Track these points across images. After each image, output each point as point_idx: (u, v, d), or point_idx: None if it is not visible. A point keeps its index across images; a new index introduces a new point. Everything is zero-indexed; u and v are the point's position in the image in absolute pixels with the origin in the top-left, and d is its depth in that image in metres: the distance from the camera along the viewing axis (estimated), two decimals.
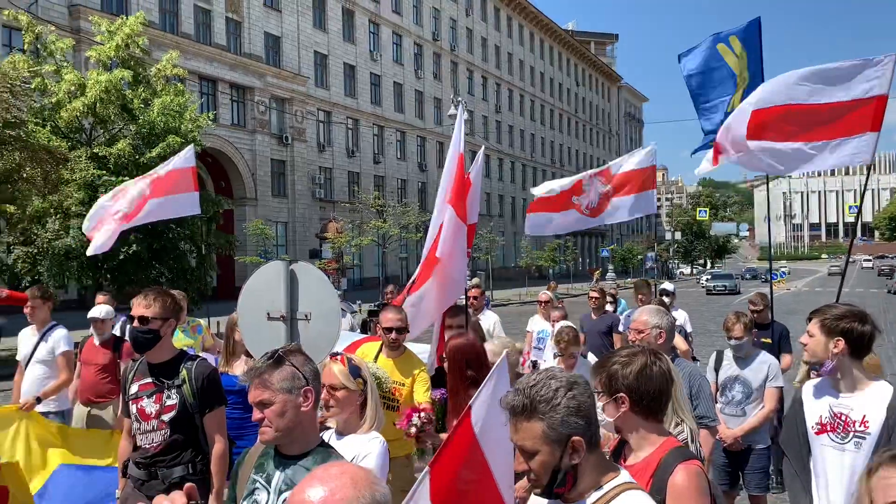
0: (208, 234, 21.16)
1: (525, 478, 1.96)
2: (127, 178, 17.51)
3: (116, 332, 6.78)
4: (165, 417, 3.59)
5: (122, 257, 18.02)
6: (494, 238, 43.87)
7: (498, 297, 37.10)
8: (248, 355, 5.08)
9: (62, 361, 6.17)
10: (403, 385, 4.62)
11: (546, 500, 2.02)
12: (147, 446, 3.60)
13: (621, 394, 2.29)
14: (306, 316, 4.55)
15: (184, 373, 3.65)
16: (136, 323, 3.58)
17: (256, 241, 31.77)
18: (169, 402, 3.60)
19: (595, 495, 1.93)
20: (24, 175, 16.16)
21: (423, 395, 4.58)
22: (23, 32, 19.78)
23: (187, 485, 1.34)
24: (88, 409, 6.37)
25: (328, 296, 4.60)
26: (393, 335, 4.68)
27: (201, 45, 37.73)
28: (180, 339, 6.44)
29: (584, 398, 1.92)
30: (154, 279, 18.64)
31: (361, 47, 50.64)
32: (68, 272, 18.22)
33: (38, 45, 19.66)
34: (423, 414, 3.68)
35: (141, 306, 3.59)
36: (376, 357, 4.85)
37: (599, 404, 2.25)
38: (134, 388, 3.66)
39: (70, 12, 31.36)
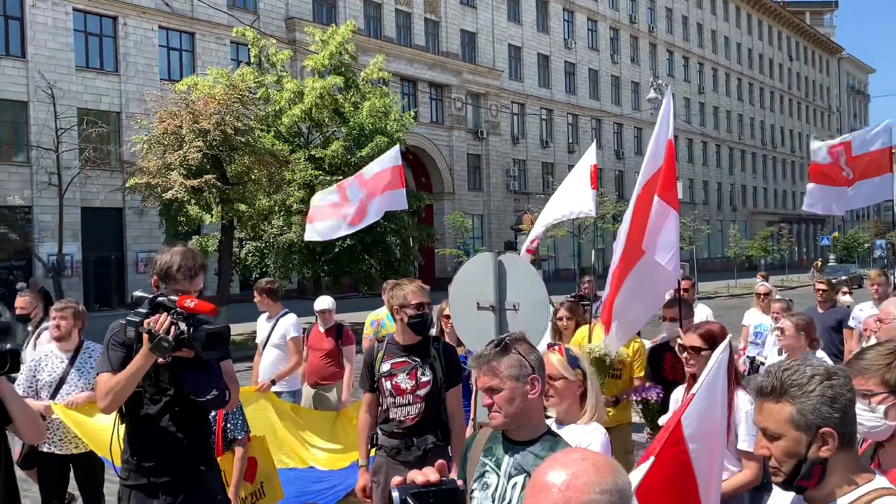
0: (412, 227, 22.18)
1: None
2: (340, 177, 18.83)
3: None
4: (421, 392, 3.93)
5: (337, 250, 19.40)
6: (699, 227, 41.72)
7: (703, 289, 35.28)
8: (459, 343, 5.27)
9: (292, 346, 6.75)
10: (626, 356, 5.10)
11: (789, 495, 1.90)
12: (402, 418, 3.94)
13: None
14: (514, 306, 4.62)
15: (433, 352, 4.01)
16: (413, 310, 3.95)
17: (455, 234, 32.78)
18: (424, 379, 3.95)
19: (846, 498, 1.77)
20: (253, 177, 17.88)
21: (640, 369, 5.17)
22: (249, 46, 21.90)
23: (439, 462, 1.41)
24: (315, 390, 6.96)
25: (536, 287, 4.64)
26: None
27: (402, 47, 39.50)
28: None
29: (843, 391, 1.77)
30: (365, 271, 19.86)
31: (555, 37, 50.33)
32: (291, 264, 19.95)
33: (262, 58, 21.66)
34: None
35: (417, 295, 3.98)
36: (590, 335, 5.27)
37: (881, 406, 2.07)
38: (386, 367, 3.99)
39: (286, 25, 34.19)
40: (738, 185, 69.71)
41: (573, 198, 6.34)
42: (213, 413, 4.05)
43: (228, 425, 4.20)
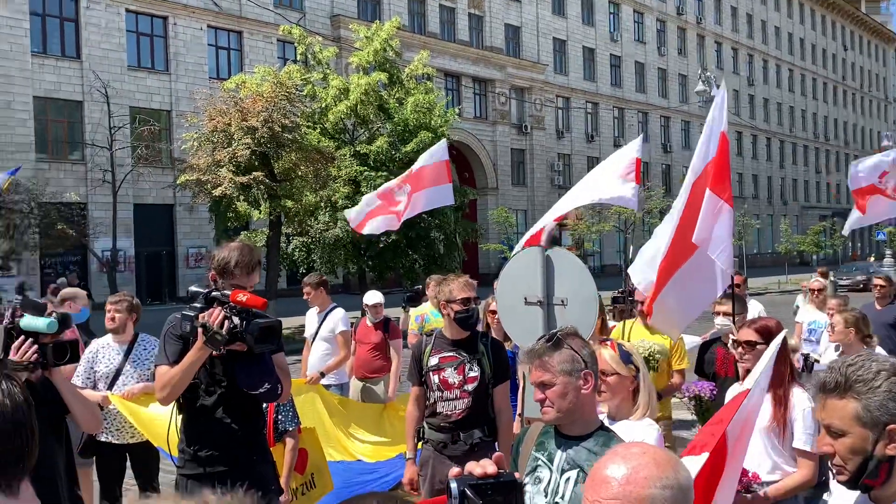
0: (456, 222, 22.18)
1: None
2: (385, 173, 18.93)
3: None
4: (468, 387, 3.94)
5: (382, 246, 19.52)
6: (749, 222, 40.86)
7: (753, 285, 34.56)
8: (505, 338, 5.26)
9: (340, 340, 6.83)
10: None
11: (851, 495, 1.85)
12: (449, 413, 3.96)
13: None
14: (562, 301, 4.58)
15: (482, 347, 4.01)
16: (460, 305, 3.95)
17: (498, 229, 32.70)
18: (471, 374, 3.95)
19: None
20: (300, 173, 18.08)
21: (679, 361, 5.20)
22: (295, 44, 22.14)
23: (496, 454, 1.41)
24: (363, 383, 7.02)
25: (585, 282, 4.60)
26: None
27: (446, 42, 39.51)
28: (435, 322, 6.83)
29: None
30: (409, 266, 19.92)
31: (601, 29, 49.76)
32: (336, 260, 20.14)
33: (308, 55, 21.89)
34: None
35: (464, 290, 3.99)
36: (630, 330, 5.28)
37: None
38: (434, 361, 4.01)
39: (332, 23, 34.48)
40: (789, 179, 68.01)
41: (610, 184, 5.92)
42: (264, 405, 4.13)
43: (280, 417, 4.26)
